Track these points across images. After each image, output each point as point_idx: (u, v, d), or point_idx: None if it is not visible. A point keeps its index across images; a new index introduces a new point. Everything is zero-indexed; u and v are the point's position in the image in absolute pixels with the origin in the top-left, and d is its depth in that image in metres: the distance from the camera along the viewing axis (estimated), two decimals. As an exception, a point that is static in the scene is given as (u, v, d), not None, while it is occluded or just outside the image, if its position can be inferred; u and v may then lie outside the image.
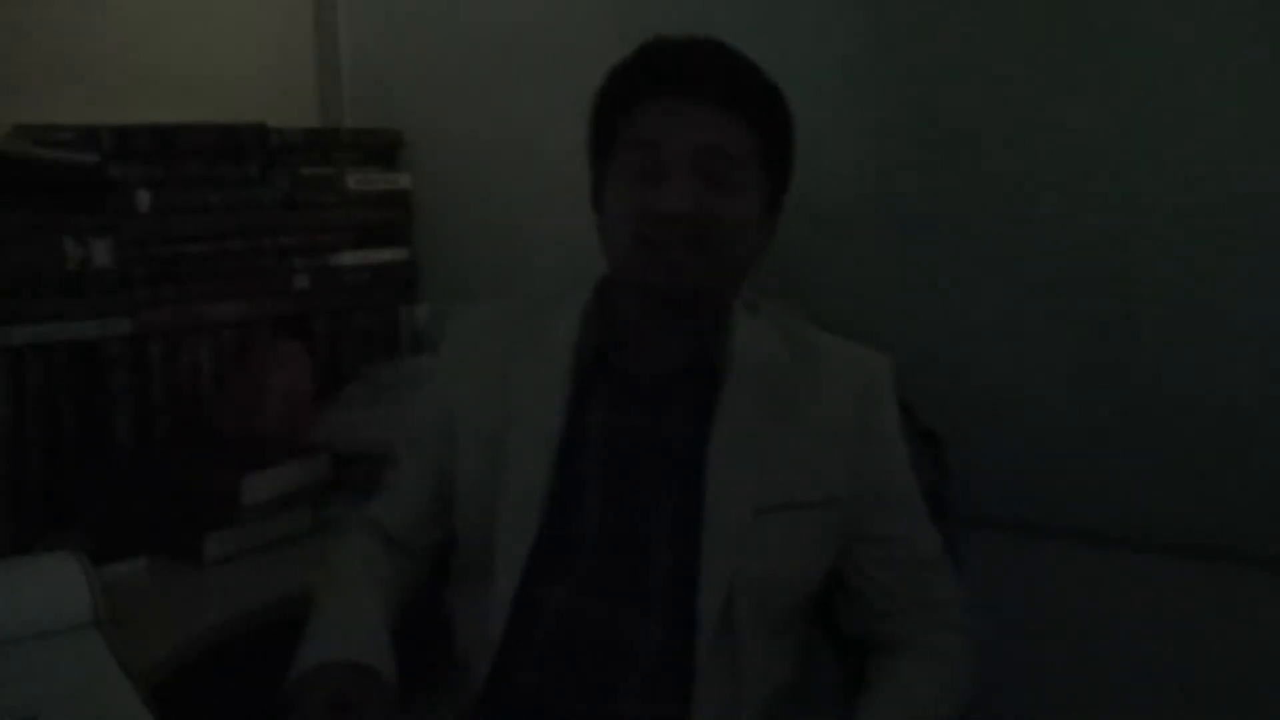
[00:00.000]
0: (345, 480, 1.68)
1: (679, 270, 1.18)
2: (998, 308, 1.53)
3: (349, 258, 1.96)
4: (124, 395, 1.65)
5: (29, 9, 1.70)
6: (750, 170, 1.20)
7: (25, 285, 1.54)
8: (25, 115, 1.67)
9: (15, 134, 1.65)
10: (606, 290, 1.29)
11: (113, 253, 1.63)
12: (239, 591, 1.43)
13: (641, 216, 1.18)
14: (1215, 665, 1.42)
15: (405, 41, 2.04)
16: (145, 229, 1.68)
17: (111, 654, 1.17)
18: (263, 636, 1.38)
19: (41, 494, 1.57)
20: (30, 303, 1.55)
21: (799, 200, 1.28)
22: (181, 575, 1.46)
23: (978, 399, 1.54)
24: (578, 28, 1.84)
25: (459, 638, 1.28)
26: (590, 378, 1.26)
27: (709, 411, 1.22)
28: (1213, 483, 1.42)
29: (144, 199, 1.67)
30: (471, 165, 1.99)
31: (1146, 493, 1.46)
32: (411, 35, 2.03)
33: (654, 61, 1.22)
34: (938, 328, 1.56)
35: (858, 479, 1.24)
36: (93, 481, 1.60)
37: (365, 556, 1.31)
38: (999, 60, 1.49)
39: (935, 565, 1.28)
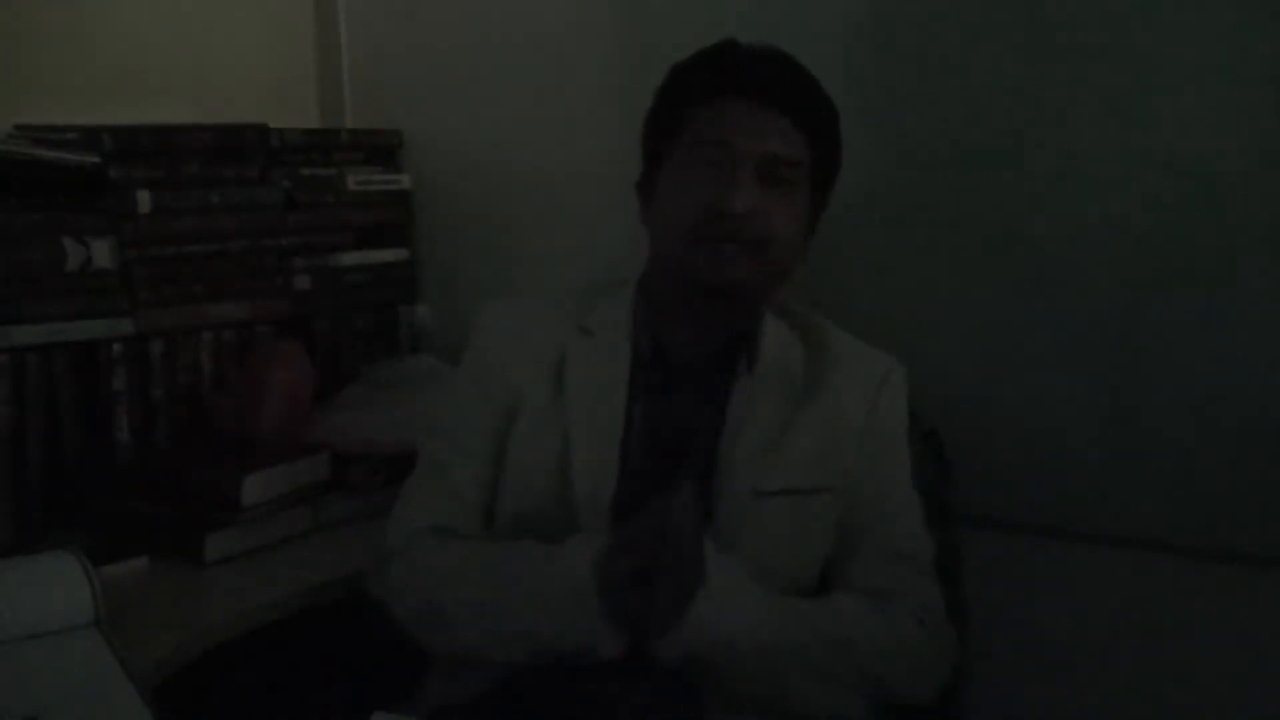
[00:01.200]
0: (345, 480, 1.68)
1: (730, 266, 1.22)
2: (999, 309, 1.53)
3: (349, 258, 1.96)
4: (124, 395, 1.65)
5: (30, 9, 1.70)
6: (803, 182, 1.25)
7: (25, 285, 1.54)
8: (26, 115, 1.67)
9: (16, 134, 1.65)
10: (649, 284, 1.32)
11: (113, 253, 1.63)
12: (239, 591, 1.43)
13: (703, 211, 1.21)
14: (1215, 665, 1.42)
15: (405, 42, 2.04)
16: (145, 229, 1.68)
17: (111, 654, 1.17)
18: (263, 636, 1.39)
19: (42, 494, 1.57)
20: (30, 303, 1.55)
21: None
22: (181, 575, 1.46)
23: (978, 399, 1.54)
24: (578, 29, 1.84)
25: None
26: (643, 366, 1.29)
27: (729, 394, 1.27)
28: (1213, 483, 1.42)
29: (144, 199, 1.67)
30: (471, 165, 1.99)
31: (1147, 493, 1.46)
32: (411, 36, 2.03)
33: (731, 63, 1.26)
34: (938, 328, 1.57)
35: (857, 470, 1.28)
36: (93, 481, 1.60)
37: (473, 542, 1.28)
38: (1005, 63, 1.49)
39: (915, 564, 1.28)
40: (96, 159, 1.62)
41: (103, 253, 1.61)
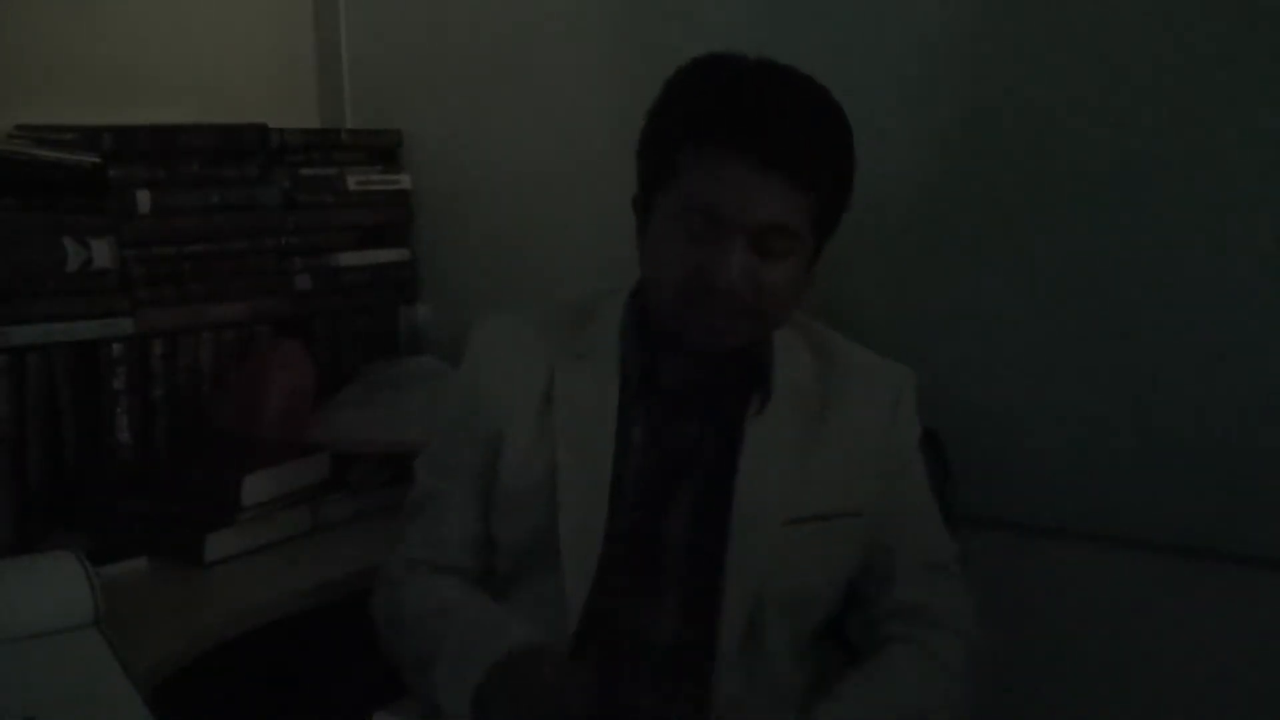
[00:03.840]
0: (345, 480, 1.68)
1: (722, 334, 1.18)
2: (999, 309, 1.53)
3: (349, 258, 1.96)
4: (124, 395, 1.65)
5: (30, 9, 1.70)
6: (803, 237, 1.17)
7: (25, 285, 1.54)
8: (26, 115, 1.67)
9: (16, 134, 1.66)
10: (641, 303, 1.27)
11: (113, 253, 1.63)
12: (239, 591, 1.43)
13: (691, 279, 1.14)
14: (1215, 665, 1.42)
15: (405, 42, 2.04)
16: (145, 229, 1.68)
17: (111, 654, 1.17)
18: (263, 636, 1.39)
19: (42, 494, 1.57)
20: (30, 303, 1.55)
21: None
22: (181, 575, 1.46)
23: (979, 400, 1.54)
24: (578, 29, 1.84)
25: None
26: (633, 389, 1.26)
27: (741, 421, 1.23)
28: (1213, 483, 1.42)
29: (144, 199, 1.67)
30: (471, 165, 1.99)
31: (1147, 493, 1.46)
32: (412, 36, 2.03)
33: (729, 105, 1.13)
34: (938, 328, 1.56)
35: (881, 490, 1.26)
36: (93, 481, 1.60)
37: (443, 586, 1.27)
38: (1017, 67, 1.48)
39: (945, 571, 1.28)
40: (96, 159, 1.62)
41: (103, 253, 1.61)
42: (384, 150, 2.05)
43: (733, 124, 1.12)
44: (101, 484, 1.60)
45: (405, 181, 2.05)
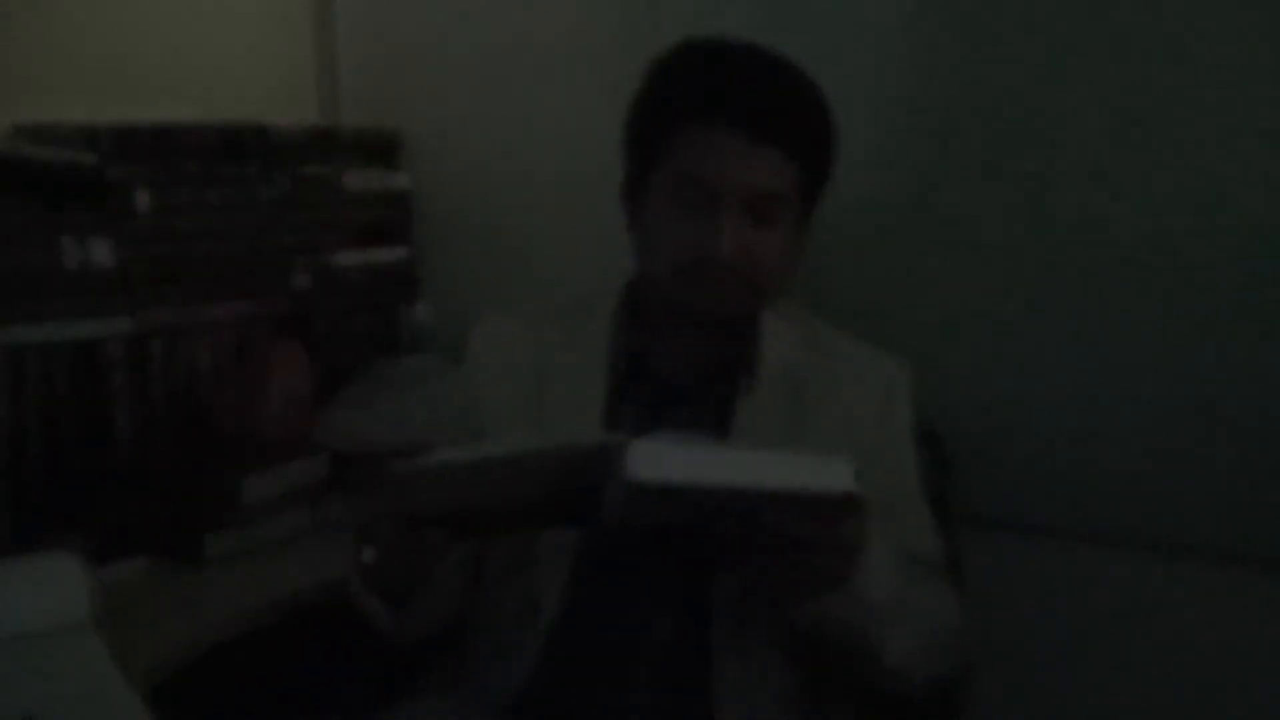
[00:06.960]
0: (345, 480, 1.68)
1: (719, 301, 1.20)
2: (999, 308, 1.53)
3: (349, 258, 1.96)
4: (124, 395, 1.65)
5: (29, 9, 1.70)
6: (793, 203, 1.21)
7: (25, 285, 1.54)
8: (25, 115, 1.67)
9: (15, 134, 1.65)
10: (636, 294, 1.29)
11: (113, 253, 1.62)
12: (239, 591, 1.43)
13: (689, 250, 1.18)
14: (1215, 665, 1.42)
15: (405, 41, 2.04)
16: (145, 229, 1.68)
17: (110, 654, 1.17)
18: (263, 636, 1.39)
19: (41, 494, 1.57)
20: (30, 303, 1.55)
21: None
22: (181, 575, 1.46)
23: (978, 399, 1.54)
24: (578, 29, 1.84)
25: (484, 631, 1.28)
26: (624, 381, 1.26)
27: (732, 406, 1.24)
28: (1213, 483, 1.42)
29: (144, 199, 1.67)
30: (471, 165, 1.99)
31: (1147, 493, 1.46)
32: (411, 35, 2.03)
33: (723, 83, 1.18)
34: (938, 327, 1.57)
35: (870, 479, 1.25)
36: (93, 481, 1.60)
37: None
38: (1021, 68, 1.49)
39: (936, 569, 1.27)
40: (95, 158, 1.62)
41: (102, 252, 1.61)
42: (383, 150, 2.04)
43: (725, 100, 1.17)
44: (101, 484, 1.60)
45: (405, 181, 2.04)
